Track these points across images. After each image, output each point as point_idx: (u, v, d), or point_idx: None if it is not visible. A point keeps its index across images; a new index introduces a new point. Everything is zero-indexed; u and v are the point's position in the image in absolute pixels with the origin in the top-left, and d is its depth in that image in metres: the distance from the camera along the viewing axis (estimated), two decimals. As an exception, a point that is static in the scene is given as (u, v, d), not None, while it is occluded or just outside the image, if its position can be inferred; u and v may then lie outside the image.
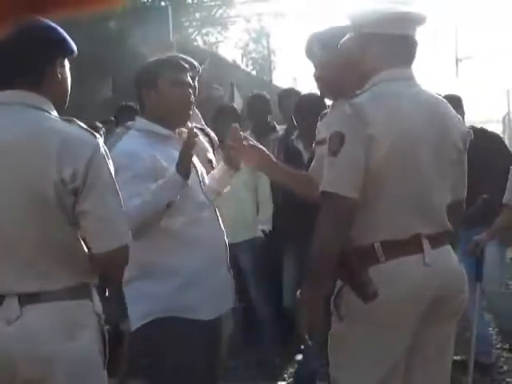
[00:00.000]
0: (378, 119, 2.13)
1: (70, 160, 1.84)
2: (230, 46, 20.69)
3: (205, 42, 19.75)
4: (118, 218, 1.96)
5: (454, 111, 2.36)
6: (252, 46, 25.81)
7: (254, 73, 22.98)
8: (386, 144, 2.13)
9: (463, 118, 3.69)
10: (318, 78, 2.63)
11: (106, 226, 1.93)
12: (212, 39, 20.50)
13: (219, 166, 2.89)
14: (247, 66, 24.64)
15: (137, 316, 2.60)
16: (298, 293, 2.23)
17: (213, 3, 19.03)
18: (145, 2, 15.47)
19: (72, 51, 2.02)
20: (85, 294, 1.96)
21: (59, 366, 1.86)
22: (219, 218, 2.75)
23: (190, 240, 2.60)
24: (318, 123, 2.79)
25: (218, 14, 19.40)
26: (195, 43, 18.30)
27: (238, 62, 23.04)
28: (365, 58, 2.26)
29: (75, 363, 1.89)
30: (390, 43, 2.23)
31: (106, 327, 2.03)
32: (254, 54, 25.48)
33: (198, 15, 19.27)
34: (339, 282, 2.26)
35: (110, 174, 1.93)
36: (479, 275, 3.90)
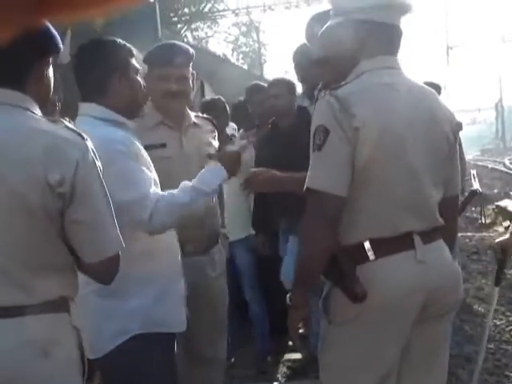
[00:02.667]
0: (363, 111, 2.02)
1: (57, 164, 1.74)
2: (220, 41, 20.55)
3: (194, 38, 19.67)
4: (109, 225, 1.86)
5: (442, 101, 2.26)
6: (242, 39, 25.76)
7: (245, 67, 22.91)
8: (373, 137, 2.02)
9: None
10: (321, 62, 2.46)
11: (98, 235, 1.85)
12: (201, 34, 20.43)
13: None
14: (238, 60, 24.56)
15: (106, 339, 2.36)
16: (288, 297, 2.15)
17: (201, -3, 18.98)
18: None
19: (58, 49, 1.92)
20: (62, 308, 1.84)
21: None
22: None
23: (161, 247, 2.47)
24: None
25: (206, 9, 19.34)
26: (185, 39, 18.22)
27: (229, 56, 22.96)
28: (347, 47, 2.16)
29: (49, 382, 1.78)
30: (374, 31, 2.13)
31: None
32: (244, 48, 25.42)
33: (186, 10, 19.19)
34: (328, 283, 2.17)
35: (100, 178, 1.82)
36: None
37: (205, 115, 3.32)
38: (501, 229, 9.58)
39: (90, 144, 1.81)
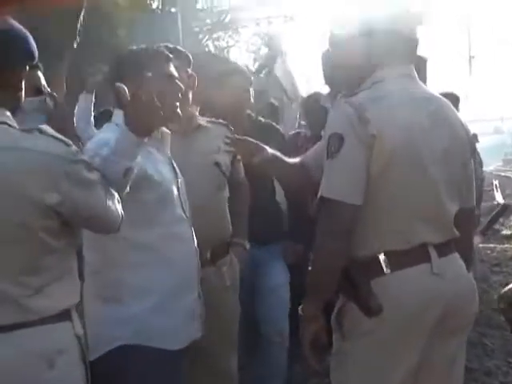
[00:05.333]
0: (379, 119, 1.98)
1: (50, 183, 1.73)
2: (242, 51, 20.60)
3: (216, 47, 19.72)
4: (107, 209, 1.88)
5: (457, 112, 2.23)
6: (264, 50, 25.81)
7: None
8: (389, 145, 1.98)
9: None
10: (338, 66, 2.38)
11: (100, 221, 1.91)
12: (223, 44, 20.46)
13: None
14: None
15: (98, 342, 2.26)
16: (300, 309, 2.11)
17: (223, 8, 19.01)
18: (154, 9, 15.45)
19: (33, 58, 1.89)
20: (64, 317, 1.82)
21: None
22: (194, 235, 2.48)
23: (163, 257, 2.35)
24: None
25: (227, 19, 19.39)
26: (206, 48, 18.28)
27: (250, 66, 23.00)
28: (364, 54, 2.13)
29: None
30: (391, 40, 2.10)
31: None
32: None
33: (208, 20, 19.27)
34: (341, 298, 2.13)
35: (90, 180, 1.82)
36: None
37: (220, 120, 3.12)
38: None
39: (73, 149, 1.79)
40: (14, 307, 1.73)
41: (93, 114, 4.23)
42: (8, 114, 1.79)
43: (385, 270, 2.03)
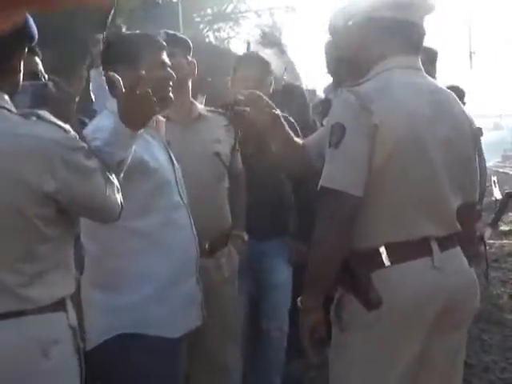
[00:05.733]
0: (382, 109, 1.95)
1: (47, 169, 1.69)
2: (242, 42, 20.51)
3: (216, 38, 19.65)
4: (106, 198, 1.84)
5: (462, 105, 2.20)
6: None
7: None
8: (392, 136, 1.95)
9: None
10: (340, 58, 2.39)
11: (99, 210, 1.88)
12: (223, 35, 20.39)
13: None
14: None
15: (95, 332, 2.25)
16: (298, 301, 2.08)
17: (224, -2, 18.97)
18: (155, -1, 15.38)
19: (33, 38, 1.85)
20: (59, 307, 1.79)
21: None
22: (192, 222, 2.45)
23: (162, 244, 2.32)
24: None
25: (229, 9, 19.32)
26: (207, 39, 18.20)
27: (250, 57, 22.85)
28: (367, 45, 2.10)
29: (48, 382, 1.74)
30: (397, 29, 2.06)
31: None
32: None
33: (209, 11, 19.19)
34: (340, 290, 2.10)
35: (86, 166, 1.78)
36: None
37: (219, 109, 3.04)
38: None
39: (71, 135, 1.75)
40: (9, 296, 1.70)
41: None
42: (6, 97, 1.76)
43: (385, 262, 2.00)
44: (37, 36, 1.84)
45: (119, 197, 1.89)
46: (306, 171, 2.50)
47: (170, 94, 2.37)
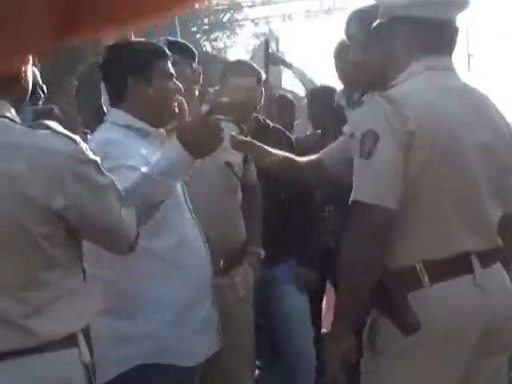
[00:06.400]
0: (418, 114, 1.80)
1: (55, 184, 1.52)
2: (239, 51, 20.40)
3: (213, 47, 19.56)
4: (121, 219, 1.68)
5: (500, 110, 2.03)
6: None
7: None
8: (430, 143, 1.79)
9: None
10: (355, 63, 2.25)
11: (113, 235, 1.70)
12: (220, 44, 20.29)
13: None
14: (257, 70, 24.41)
15: (111, 363, 2.08)
16: (327, 327, 1.91)
17: (220, 8, 18.86)
18: (151, 9, 15.29)
19: None
20: (70, 343, 1.60)
21: None
22: (204, 240, 2.30)
23: (177, 266, 2.17)
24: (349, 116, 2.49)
25: (225, 19, 19.24)
26: (204, 49, 18.13)
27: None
28: (397, 46, 1.95)
29: None
30: (428, 28, 1.91)
31: None
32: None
33: (205, 20, 19.13)
34: (373, 312, 1.93)
35: (98, 182, 1.61)
36: None
37: (229, 117, 2.97)
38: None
39: (82, 147, 1.58)
40: (13, 329, 1.52)
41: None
42: (8, 106, 1.59)
43: (423, 282, 1.83)
44: None
45: (135, 222, 1.72)
46: (323, 181, 2.46)
47: (176, 110, 2.26)
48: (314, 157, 2.38)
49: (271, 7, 19.85)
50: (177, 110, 2.26)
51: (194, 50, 2.87)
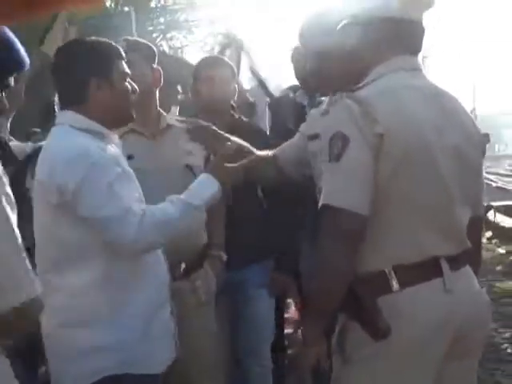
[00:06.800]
0: (387, 116, 1.76)
1: None
2: (196, 50, 20.28)
3: (170, 47, 19.41)
4: (18, 266, 1.40)
5: (467, 109, 2.02)
6: (218, 49, 25.54)
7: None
8: (399, 146, 1.75)
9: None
10: (313, 71, 2.23)
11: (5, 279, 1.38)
12: (177, 44, 20.15)
13: None
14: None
15: (73, 377, 2.04)
16: (300, 332, 1.88)
17: (177, 7, 18.73)
18: (107, 8, 15.08)
19: (24, 67, 1.78)
20: None
21: None
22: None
23: (144, 269, 2.13)
24: (309, 116, 2.48)
25: (182, 18, 19.12)
26: (160, 48, 17.98)
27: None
28: (363, 47, 1.91)
29: None
30: (394, 28, 1.87)
31: None
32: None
33: (162, 19, 19.00)
34: (342, 317, 1.90)
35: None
36: None
37: (194, 119, 2.83)
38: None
39: None
40: None
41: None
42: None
43: (393, 286, 1.80)
44: (27, 62, 1.79)
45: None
46: (280, 180, 2.46)
47: (132, 112, 2.24)
48: (270, 152, 2.43)
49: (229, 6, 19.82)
50: (133, 112, 2.22)
51: (154, 49, 2.81)
